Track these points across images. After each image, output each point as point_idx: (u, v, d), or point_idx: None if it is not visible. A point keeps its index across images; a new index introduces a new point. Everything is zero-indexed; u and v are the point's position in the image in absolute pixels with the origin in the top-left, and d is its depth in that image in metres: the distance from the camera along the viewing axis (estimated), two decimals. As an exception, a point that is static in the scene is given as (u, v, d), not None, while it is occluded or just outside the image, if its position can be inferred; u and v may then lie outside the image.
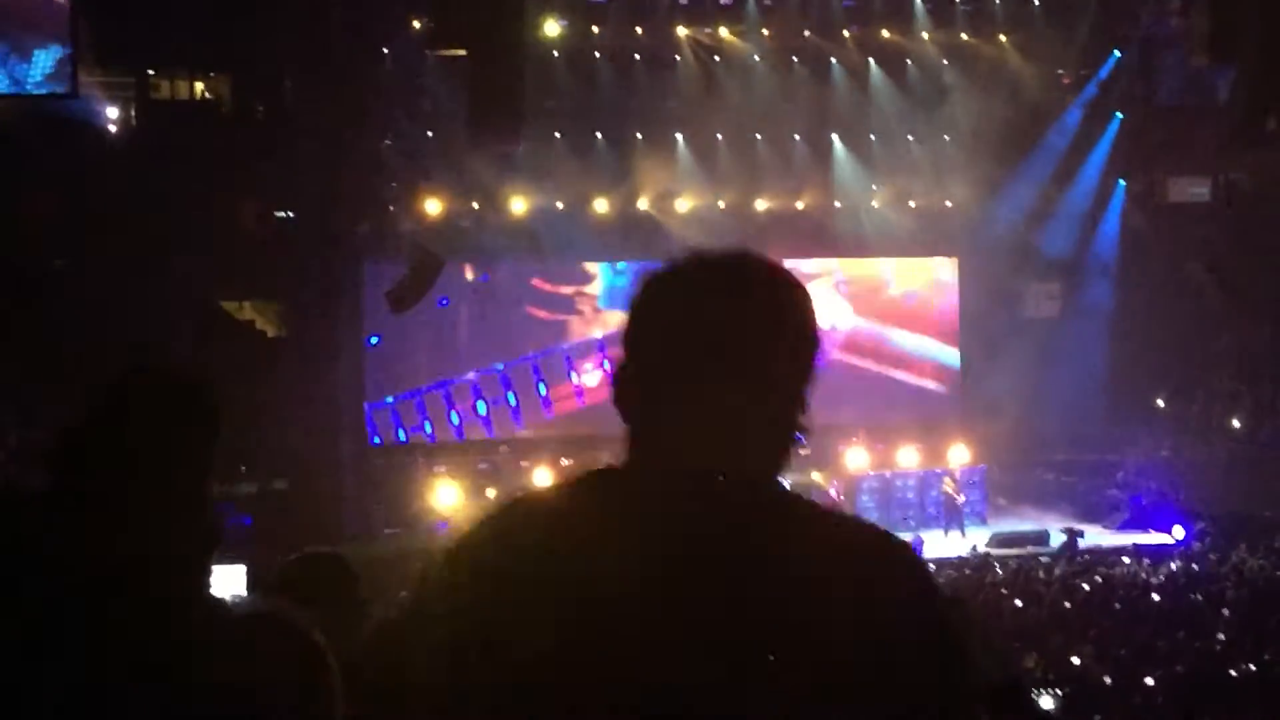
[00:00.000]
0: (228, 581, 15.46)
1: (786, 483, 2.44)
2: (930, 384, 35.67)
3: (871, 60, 33.97)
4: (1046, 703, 12.50)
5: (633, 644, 2.13)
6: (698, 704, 2.09)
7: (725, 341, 2.35)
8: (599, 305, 34.52)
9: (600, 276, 34.65)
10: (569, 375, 34.10)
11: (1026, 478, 33.30)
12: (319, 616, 4.45)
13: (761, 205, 34.48)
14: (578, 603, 2.18)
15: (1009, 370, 31.94)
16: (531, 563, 2.28)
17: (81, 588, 2.50)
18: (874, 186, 34.91)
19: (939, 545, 29.72)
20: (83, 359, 23.78)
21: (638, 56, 32.94)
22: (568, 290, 34.38)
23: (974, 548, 28.92)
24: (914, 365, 35.69)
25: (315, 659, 2.51)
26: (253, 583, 17.40)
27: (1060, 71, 35.38)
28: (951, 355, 35.77)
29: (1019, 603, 21.74)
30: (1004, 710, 2.81)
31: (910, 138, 34.55)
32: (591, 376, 33.86)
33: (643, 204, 33.74)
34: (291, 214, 31.31)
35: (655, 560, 2.19)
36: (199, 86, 31.33)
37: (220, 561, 2.98)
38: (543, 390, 33.86)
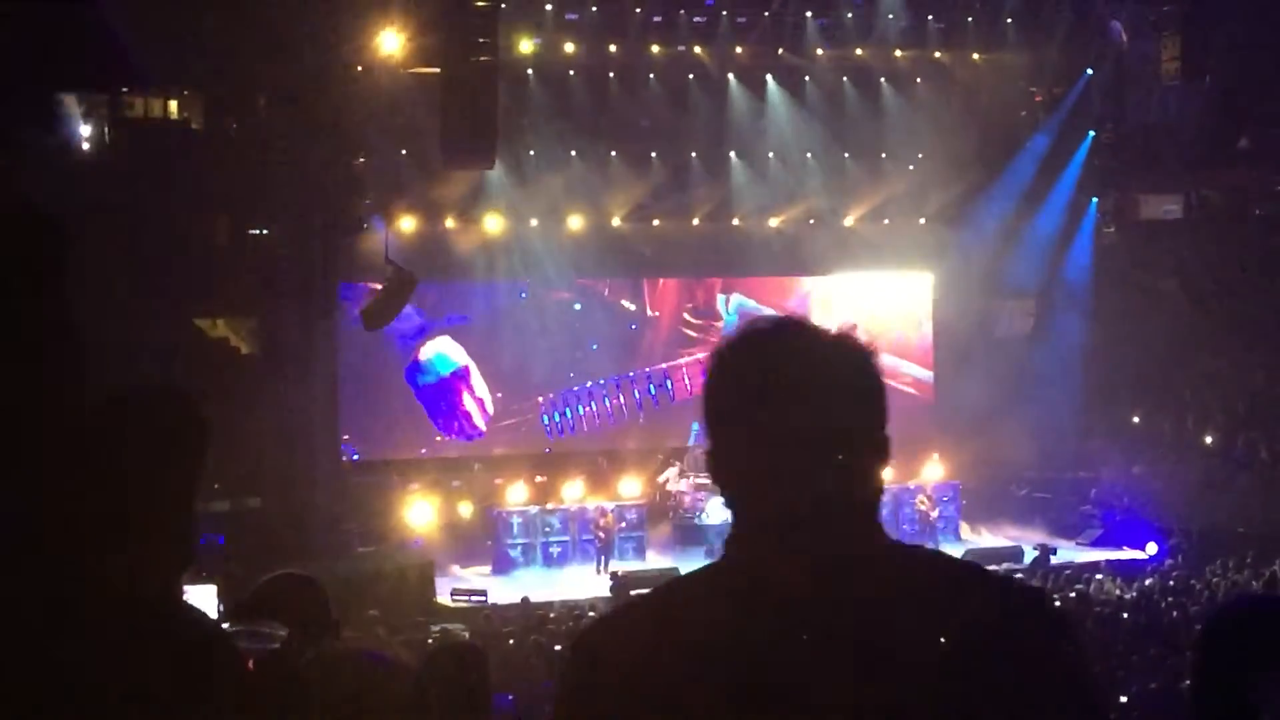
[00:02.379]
0: (198, 600, 15.33)
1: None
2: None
3: (845, 78, 34.04)
4: None
5: None
6: None
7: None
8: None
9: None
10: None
11: (1000, 494, 33.34)
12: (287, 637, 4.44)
13: (736, 223, 34.51)
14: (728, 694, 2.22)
15: (983, 387, 32.00)
16: (677, 659, 2.29)
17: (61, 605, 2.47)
18: (848, 204, 34.97)
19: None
20: (54, 377, 23.67)
21: (611, 74, 32.96)
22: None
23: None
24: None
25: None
26: (224, 602, 17.29)
27: (1033, 89, 35.54)
28: (925, 372, 35.89)
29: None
30: None
31: (884, 156, 34.64)
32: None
33: (616, 222, 33.74)
34: (265, 231, 31.25)
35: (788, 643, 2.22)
36: (172, 105, 31.26)
37: (191, 581, 2.95)
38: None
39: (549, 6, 32.05)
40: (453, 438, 33.37)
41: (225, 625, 4.32)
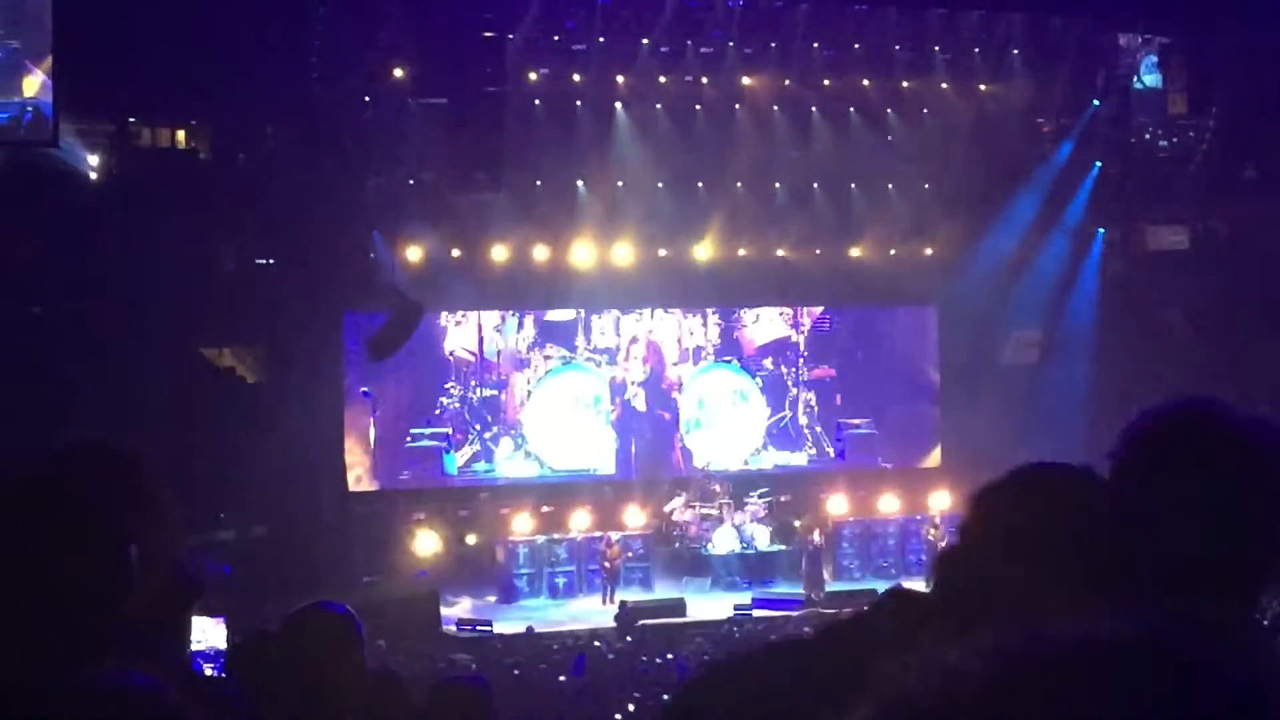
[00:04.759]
0: (210, 635, 15.25)
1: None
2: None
3: (852, 109, 34.06)
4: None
5: None
6: None
7: None
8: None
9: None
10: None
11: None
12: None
13: (742, 253, 34.49)
14: None
15: (990, 417, 31.97)
16: None
17: None
18: (854, 235, 34.94)
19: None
20: (62, 405, 23.68)
21: (619, 105, 33.01)
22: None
23: (955, 595, 28.88)
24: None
25: None
26: (233, 634, 17.19)
27: (1039, 120, 35.55)
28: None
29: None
30: None
31: (890, 186, 34.62)
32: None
33: (623, 251, 33.72)
34: (272, 260, 31.30)
35: None
36: (180, 134, 31.34)
37: (199, 614, 2.92)
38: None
39: (556, 37, 32.17)
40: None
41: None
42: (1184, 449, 2.45)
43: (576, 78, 32.70)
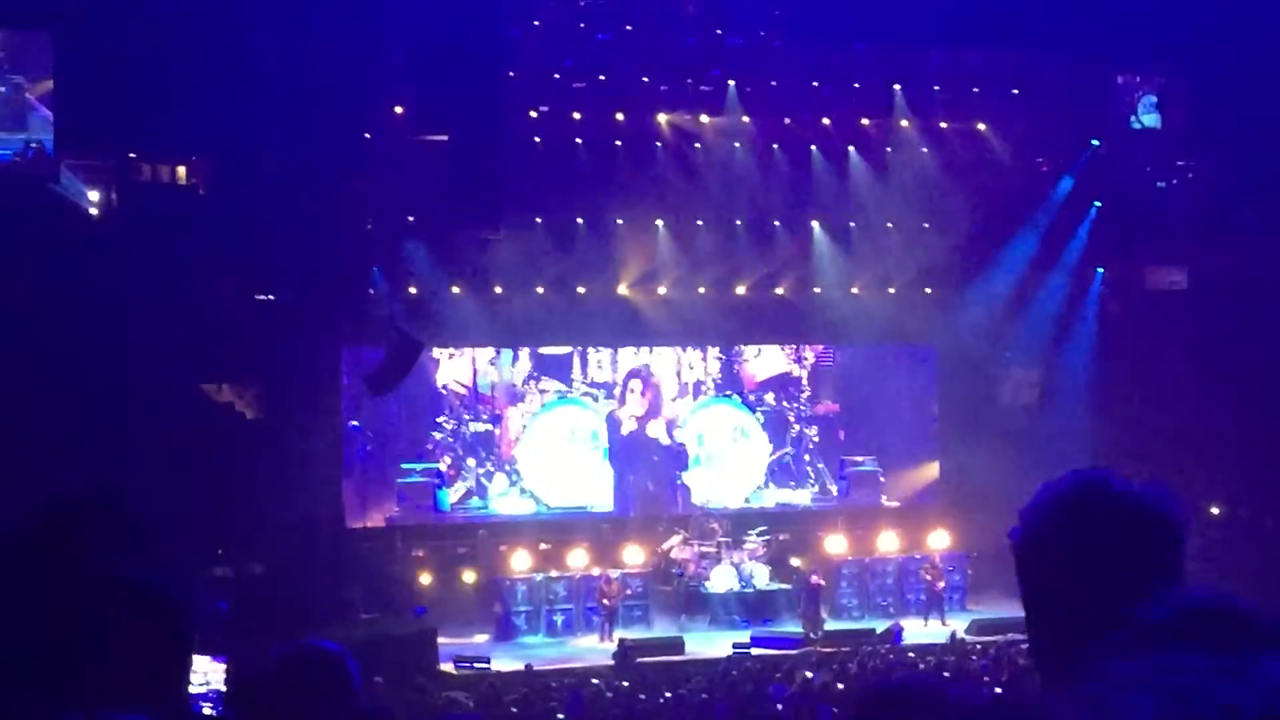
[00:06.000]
0: (212, 676, 15.09)
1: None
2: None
3: (851, 147, 34.14)
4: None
5: None
6: None
7: None
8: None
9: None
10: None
11: (1007, 564, 32.96)
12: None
13: (741, 291, 34.51)
14: None
15: (989, 456, 31.91)
16: None
17: None
18: (853, 273, 34.95)
19: (919, 632, 29.59)
20: (60, 440, 23.62)
21: (619, 143, 33.06)
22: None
23: (953, 634, 28.78)
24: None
25: None
26: (233, 673, 17.01)
27: (1038, 159, 35.62)
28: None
29: (999, 691, 21.60)
30: None
31: (890, 224, 34.66)
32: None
33: (623, 289, 33.75)
34: (271, 296, 31.29)
35: None
36: (180, 170, 31.36)
37: (200, 652, 2.89)
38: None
39: (556, 75, 32.24)
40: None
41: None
42: (1076, 517, 2.64)
43: (576, 115, 32.77)
